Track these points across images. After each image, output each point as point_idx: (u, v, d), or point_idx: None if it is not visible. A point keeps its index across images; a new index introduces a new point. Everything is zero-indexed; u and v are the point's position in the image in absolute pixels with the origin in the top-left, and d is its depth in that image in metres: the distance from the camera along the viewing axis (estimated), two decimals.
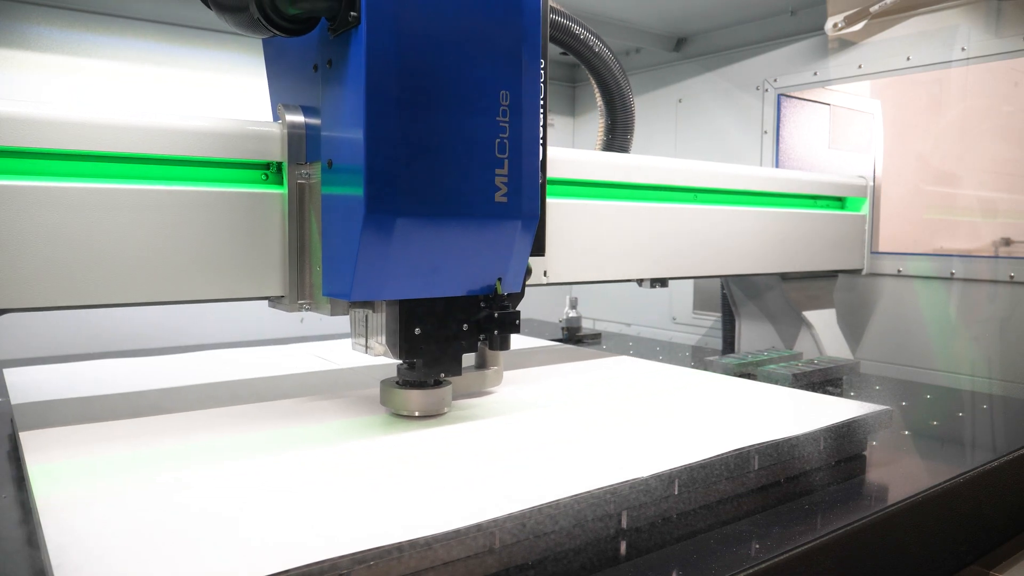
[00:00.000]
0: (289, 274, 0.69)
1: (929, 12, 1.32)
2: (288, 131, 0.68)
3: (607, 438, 0.67)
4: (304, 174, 0.69)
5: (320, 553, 0.43)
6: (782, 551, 0.52)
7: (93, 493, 0.52)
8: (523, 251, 0.71)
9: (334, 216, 0.66)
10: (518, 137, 0.67)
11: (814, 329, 1.30)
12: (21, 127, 0.58)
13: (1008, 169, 1.54)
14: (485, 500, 0.51)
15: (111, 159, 0.63)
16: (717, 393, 0.86)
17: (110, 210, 0.62)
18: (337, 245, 0.65)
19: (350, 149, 0.62)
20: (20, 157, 0.59)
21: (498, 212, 0.67)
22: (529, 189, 0.68)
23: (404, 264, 0.64)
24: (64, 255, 0.60)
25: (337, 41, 0.62)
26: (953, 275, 1.31)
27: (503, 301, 0.72)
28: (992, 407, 0.96)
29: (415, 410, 0.72)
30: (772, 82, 1.56)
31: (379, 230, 0.61)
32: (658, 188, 1.00)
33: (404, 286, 0.66)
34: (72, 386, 0.86)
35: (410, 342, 0.68)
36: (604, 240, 0.94)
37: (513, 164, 0.67)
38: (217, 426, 0.70)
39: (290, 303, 0.70)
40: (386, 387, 0.73)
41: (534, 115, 0.68)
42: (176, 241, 0.65)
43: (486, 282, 0.70)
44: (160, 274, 0.64)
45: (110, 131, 0.62)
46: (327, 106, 0.65)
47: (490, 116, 0.65)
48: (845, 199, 1.29)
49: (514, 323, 0.72)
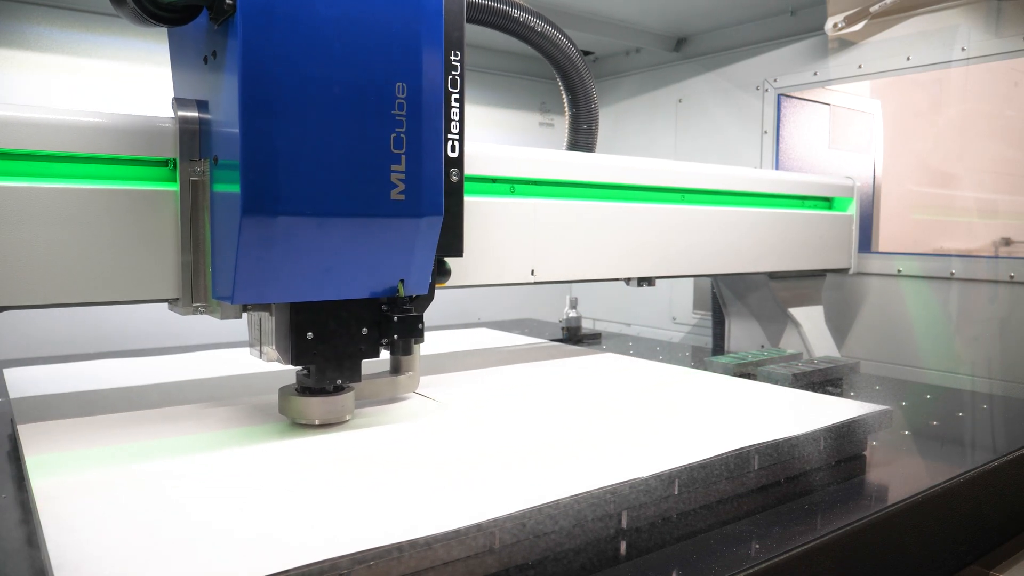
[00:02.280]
0: (183, 275, 0.66)
1: (929, 12, 1.32)
2: (180, 126, 0.64)
3: (607, 437, 0.67)
4: (197, 171, 0.65)
5: (320, 553, 0.42)
6: (782, 551, 0.52)
7: (93, 493, 0.52)
8: (427, 251, 0.67)
9: (221, 215, 0.62)
10: (417, 132, 0.62)
11: (802, 328, 1.31)
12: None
13: (1008, 169, 1.54)
14: (483, 499, 0.51)
15: (5, 156, 0.60)
16: (717, 393, 0.86)
17: (3, 208, 0.59)
18: (223, 245, 0.62)
19: (231, 144, 0.58)
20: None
21: (395, 210, 0.62)
22: (430, 186, 0.64)
23: (290, 265, 0.60)
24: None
25: (219, 31, 0.58)
26: (953, 275, 1.31)
27: (405, 304, 0.68)
28: (992, 407, 0.96)
29: (314, 418, 0.69)
30: (772, 82, 1.56)
31: (259, 229, 0.57)
32: (646, 189, 1.02)
33: (292, 288, 0.62)
34: (72, 386, 0.86)
35: (301, 347, 0.65)
36: (592, 240, 0.95)
37: (411, 160, 0.62)
38: (218, 426, 0.70)
39: (184, 306, 0.67)
40: (284, 394, 0.70)
41: (436, 109, 0.64)
42: (66, 241, 0.61)
43: (387, 284, 0.66)
44: (48, 276, 0.61)
45: (4, 128, 0.59)
46: (213, 99, 0.62)
47: (384, 110, 0.61)
48: (832, 199, 1.30)
49: (416, 327, 0.68)
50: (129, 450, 0.62)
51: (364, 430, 0.68)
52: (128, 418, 0.72)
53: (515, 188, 0.89)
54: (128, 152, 0.64)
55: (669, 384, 0.91)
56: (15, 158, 0.60)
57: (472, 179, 0.83)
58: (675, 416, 0.75)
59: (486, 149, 0.86)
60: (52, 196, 0.61)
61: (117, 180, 0.64)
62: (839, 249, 1.30)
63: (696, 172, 1.07)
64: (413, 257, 0.66)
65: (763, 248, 1.16)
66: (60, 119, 0.61)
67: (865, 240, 1.52)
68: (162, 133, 0.65)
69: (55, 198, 0.61)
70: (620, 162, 1.00)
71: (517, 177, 0.89)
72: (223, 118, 0.60)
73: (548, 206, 0.91)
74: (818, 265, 1.28)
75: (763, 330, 1.40)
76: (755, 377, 1.01)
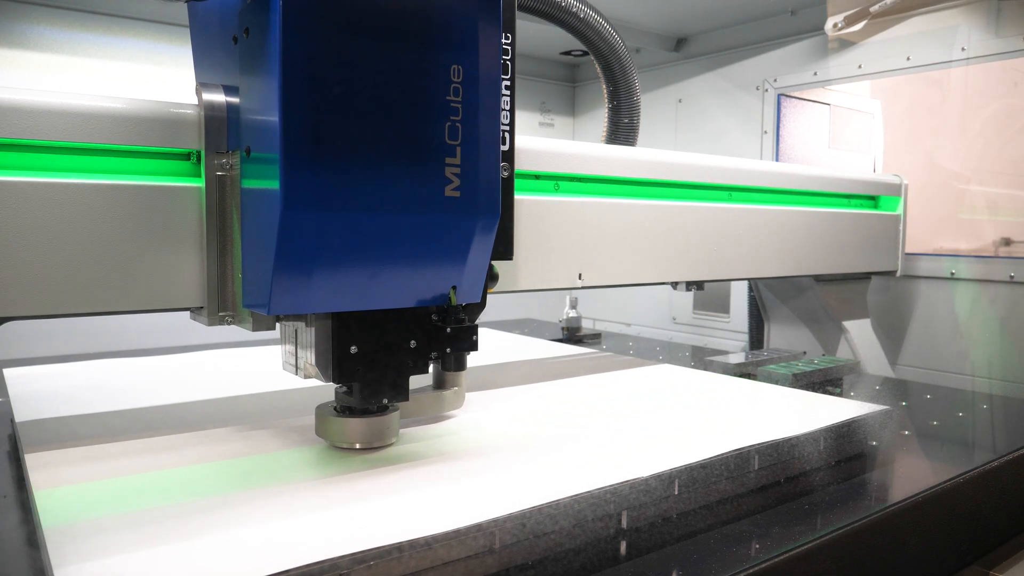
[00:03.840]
0: (208, 281, 0.59)
1: (929, 12, 1.32)
2: (206, 113, 0.57)
3: (607, 438, 0.67)
4: (224, 164, 0.58)
5: (320, 553, 0.42)
6: (782, 551, 0.52)
7: (93, 493, 0.52)
8: (481, 255, 0.60)
9: (253, 213, 0.54)
10: (473, 121, 0.55)
11: (848, 334, 1.27)
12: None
13: (1010, 169, 1.54)
14: (485, 500, 0.51)
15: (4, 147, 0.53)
16: (717, 393, 0.86)
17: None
18: (255, 248, 0.54)
19: (267, 134, 0.51)
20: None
21: (448, 208, 0.56)
22: (487, 183, 0.57)
23: (333, 271, 0.53)
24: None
25: (254, 5, 0.51)
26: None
27: (459, 313, 0.62)
28: (992, 407, 0.96)
29: (355, 442, 0.62)
30: (772, 82, 1.56)
31: (299, 229, 0.50)
32: (694, 186, 0.95)
33: (334, 297, 0.55)
34: (72, 386, 0.86)
35: (345, 363, 0.58)
36: (640, 241, 0.88)
37: (467, 153, 0.55)
38: (219, 428, 0.69)
39: (210, 315, 0.59)
40: (321, 414, 0.63)
41: (495, 95, 0.57)
42: (76, 243, 0.54)
43: (437, 291, 0.59)
44: (56, 282, 0.54)
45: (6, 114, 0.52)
46: (245, 84, 0.54)
47: (438, 95, 0.54)
48: (878, 198, 1.25)
49: (471, 339, 0.63)
50: (130, 452, 0.62)
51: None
52: (130, 420, 0.72)
53: (559, 185, 0.82)
54: (145, 143, 0.57)
55: (669, 384, 0.91)
56: (16, 149, 0.53)
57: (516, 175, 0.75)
58: (675, 416, 0.75)
59: (528, 142, 0.78)
60: (56, 192, 0.54)
61: (133, 175, 0.57)
62: (886, 251, 1.26)
63: (745, 169, 1.01)
64: (467, 261, 0.59)
65: (810, 249, 1.11)
66: (67, 104, 0.54)
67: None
68: (184, 122, 0.58)
69: (60, 194, 0.54)
70: (666, 157, 0.93)
71: (562, 173, 0.82)
72: (258, 104, 0.52)
73: (595, 205, 0.84)
74: (865, 267, 1.23)
75: (805, 334, 1.35)
76: (755, 377, 1.01)
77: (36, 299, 0.54)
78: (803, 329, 1.37)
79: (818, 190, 1.13)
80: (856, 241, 1.20)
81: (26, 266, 0.53)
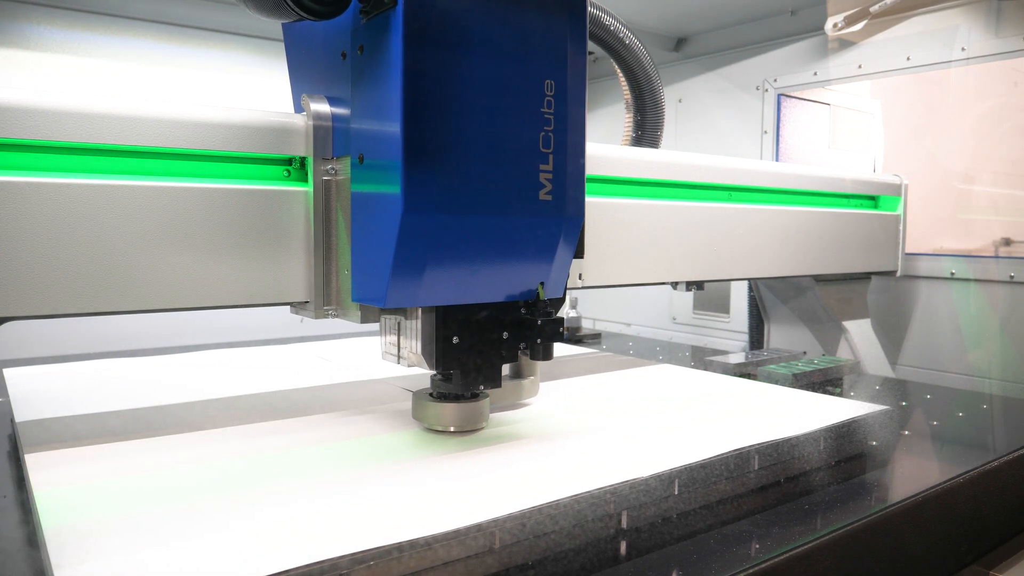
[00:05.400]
0: (314, 278, 0.65)
1: (929, 12, 1.32)
2: (314, 123, 0.63)
3: (607, 438, 0.67)
4: (331, 170, 0.64)
5: (320, 553, 0.43)
6: (782, 551, 0.52)
7: (94, 493, 0.52)
8: (567, 253, 0.66)
9: (366, 215, 0.60)
10: (563, 130, 0.62)
11: (849, 334, 1.26)
12: (13, 117, 0.53)
13: (1010, 169, 1.53)
14: (485, 500, 0.51)
15: (116, 153, 0.58)
16: (717, 393, 0.86)
17: (115, 209, 0.56)
18: (369, 247, 0.60)
19: (385, 143, 0.56)
20: (13, 150, 0.54)
21: (541, 211, 0.61)
22: (574, 187, 0.63)
23: (442, 267, 0.59)
24: (65, 258, 0.55)
25: (370, 25, 0.57)
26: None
27: (546, 307, 0.67)
28: (991, 407, 0.96)
29: (450, 425, 0.68)
30: (772, 82, 1.56)
31: (417, 230, 0.56)
32: (692, 186, 0.96)
33: (442, 291, 0.60)
34: (72, 386, 0.86)
35: (447, 352, 0.64)
36: (640, 241, 0.89)
37: (558, 159, 0.62)
38: (220, 427, 0.69)
39: (316, 309, 0.65)
40: (419, 400, 0.69)
41: (580, 107, 0.63)
42: (191, 242, 0.60)
43: (528, 286, 0.65)
44: (172, 278, 0.59)
45: (114, 122, 0.56)
46: (358, 96, 0.60)
47: (534, 107, 0.60)
48: (878, 198, 1.25)
49: (558, 331, 0.67)
50: (130, 451, 0.62)
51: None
52: (130, 420, 0.72)
53: None
54: (256, 150, 0.63)
55: (669, 383, 0.91)
56: (141, 156, 0.58)
57: None
58: (675, 416, 0.75)
59: None
60: (173, 195, 0.59)
61: (243, 179, 0.63)
62: (886, 251, 1.26)
63: (746, 168, 1.01)
64: (555, 259, 0.65)
65: (810, 249, 1.11)
66: (183, 115, 0.59)
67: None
68: (292, 130, 0.64)
69: (175, 197, 0.59)
70: (668, 157, 0.93)
71: None
72: (372, 115, 0.58)
73: (595, 205, 0.84)
74: (865, 267, 1.23)
75: (805, 335, 1.35)
76: (755, 377, 1.01)
77: (161, 294, 0.59)
78: (803, 329, 1.37)
79: (818, 190, 1.13)
80: (856, 241, 1.19)
81: (144, 263, 0.58)
